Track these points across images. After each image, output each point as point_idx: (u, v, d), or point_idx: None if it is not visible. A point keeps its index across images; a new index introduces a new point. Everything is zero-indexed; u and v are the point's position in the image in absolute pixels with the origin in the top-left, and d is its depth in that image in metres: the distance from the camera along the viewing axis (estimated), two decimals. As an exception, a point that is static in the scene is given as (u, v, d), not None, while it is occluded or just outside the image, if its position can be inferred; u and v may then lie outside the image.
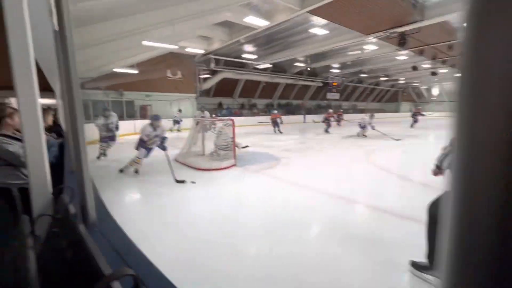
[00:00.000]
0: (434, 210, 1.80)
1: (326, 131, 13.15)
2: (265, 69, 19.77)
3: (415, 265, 1.89)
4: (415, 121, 15.90)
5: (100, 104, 11.48)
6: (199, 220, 2.92)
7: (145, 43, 8.08)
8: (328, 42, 13.24)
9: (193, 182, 4.16)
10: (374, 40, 12.98)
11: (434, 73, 21.65)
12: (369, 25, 10.46)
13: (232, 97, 21.62)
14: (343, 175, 4.69)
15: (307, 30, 11.83)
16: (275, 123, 13.21)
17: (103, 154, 6.37)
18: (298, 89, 24.91)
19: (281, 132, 12.88)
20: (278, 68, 20.83)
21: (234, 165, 5.42)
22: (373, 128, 10.90)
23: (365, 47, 15.18)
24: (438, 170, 1.94)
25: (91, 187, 1.25)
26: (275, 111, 14.06)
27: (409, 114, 17.62)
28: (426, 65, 19.87)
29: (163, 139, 4.92)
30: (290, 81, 22.31)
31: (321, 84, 24.97)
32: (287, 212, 3.09)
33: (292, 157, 6.44)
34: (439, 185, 3.96)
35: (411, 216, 2.81)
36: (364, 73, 24.38)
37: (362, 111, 31.70)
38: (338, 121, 16.49)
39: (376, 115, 13.79)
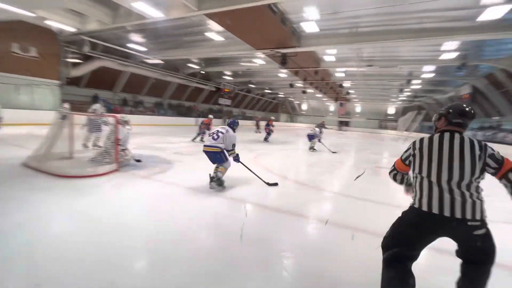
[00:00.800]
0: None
1: (266, 139, 12.61)
2: (155, 65, 18.18)
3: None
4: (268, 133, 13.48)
5: None
6: (50, 250, 2.09)
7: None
8: (223, 49, 13.69)
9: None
10: (262, 56, 14.51)
11: (304, 92, 26.62)
12: (259, 42, 11.62)
13: (113, 91, 18.58)
14: (236, 178, 4.87)
15: (204, 33, 11.81)
16: (204, 129, 10.34)
17: None
18: (191, 91, 24.38)
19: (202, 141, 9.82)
20: (170, 66, 19.65)
21: (117, 170, 4.59)
22: (319, 141, 9.82)
23: (255, 60, 16.73)
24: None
25: None
26: (211, 116, 11.78)
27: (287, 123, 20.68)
28: (299, 84, 24.04)
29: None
30: (183, 82, 21.48)
31: (214, 89, 25.46)
32: (178, 224, 2.86)
33: (185, 161, 6.15)
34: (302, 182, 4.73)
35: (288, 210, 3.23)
36: (253, 83, 26.78)
37: (250, 118, 34.75)
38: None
39: (262, 123, 15.10)
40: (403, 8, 8.46)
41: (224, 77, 24.60)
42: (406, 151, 1.65)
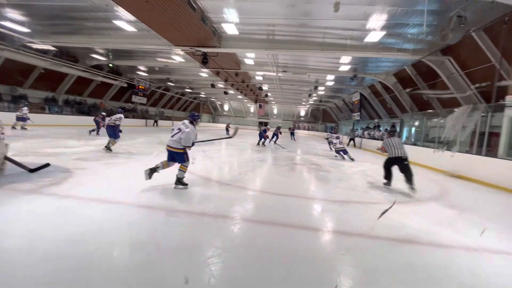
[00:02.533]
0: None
1: (263, 144, 13.90)
2: (44, 52, 14.79)
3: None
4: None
5: None
6: None
7: None
8: (135, 41, 12.34)
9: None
10: (182, 53, 13.83)
11: (225, 92, 26.88)
12: (178, 38, 11.00)
13: (-24, 81, 14.12)
14: (155, 183, 4.45)
15: (111, 20, 10.31)
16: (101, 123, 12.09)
17: None
18: (96, 86, 20.98)
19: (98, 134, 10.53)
20: (67, 55, 16.38)
21: (-16, 185, 3.46)
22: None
23: (173, 57, 15.77)
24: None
25: None
26: (104, 113, 12.11)
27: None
28: (221, 85, 24.13)
29: None
30: (85, 75, 18.19)
31: (125, 85, 22.65)
32: (80, 245, 2.39)
33: (90, 168, 5.20)
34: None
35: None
36: (171, 81, 25.22)
37: (169, 118, 32.65)
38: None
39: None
40: (310, 22, 9.61)
41: (138, 72, 22.24)
42: (383, 145, 5.52)
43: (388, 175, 5.43)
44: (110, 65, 17.80)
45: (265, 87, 25.01)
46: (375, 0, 7.51)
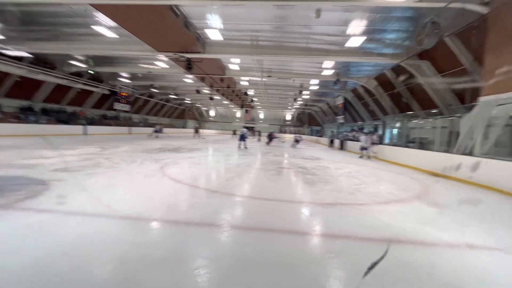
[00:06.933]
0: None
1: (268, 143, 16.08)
2: (19, 59, 14.17)
3: None
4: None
5: None
6: None
7: None
8: (116, 48, 12.08)
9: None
10: (166, 59, 13.67)
11: (211, 98, 26.73)
12: (161, 44, 10.87)
13: None
14: (139, 193, 4.30)
15: (90, 26, 10.05)
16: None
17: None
18: (76, 93, 20.30)
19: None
20: (43, 62, 15.77)
21: (-51, 202, 3.20)
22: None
23: (157, 63, 15.55)
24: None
25: None
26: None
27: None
28: (206, 90, 23.99)
29: None
30: (63, 82, 17.56)
31: (107, 92, 22.05)
32: (59, 263, 2.25)
33: (70, 179, 4.96)
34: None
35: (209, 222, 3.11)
36: (155, 88, 24.82)
37: (153, 125, 32.01)
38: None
39: (169, 130, 14.30)
40: (293, 28, 9.78)
41: (120, 79, 21.74)
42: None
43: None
44: (91, 71, 17.29)
45: (251, 92, 25.13)
46: (355, 7, 7.76)
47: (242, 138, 14.08)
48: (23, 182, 4.37)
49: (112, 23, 9.13)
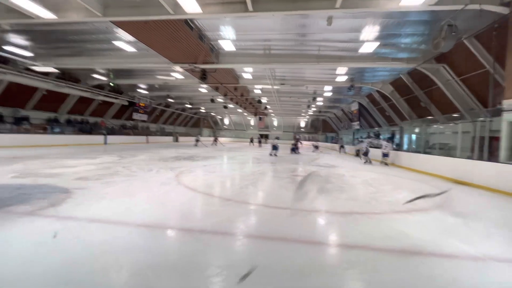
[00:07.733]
0: None
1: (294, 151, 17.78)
2: (46, 74, 15.14)
3: None
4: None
5: None
6: None
7: None
8: (135, 61, 12.64)
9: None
10: (181, 70, 14.11)
11: (225, 107, 27.14)
12: (176, 56, 11.27)
13: (-22, 104, 14.40)
14: (156, 201, 4.41)
15: (111, 41, 10.62)
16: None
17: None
18: (98, 105, 21.32)
19: None
20: (68, 76, 16.75)
21: (-18, 209, 3.44)
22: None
23: (173, 74, 16.08)
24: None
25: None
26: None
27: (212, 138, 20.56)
28: (220, 99, 24.42)
29: None
30: (86, 95, 18.53)
31: (126, 103, 22.98)
32: (82, 270, 2.34)
33: (90, 187, 5.18)
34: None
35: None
36: (171, 98, 25.57)
37: (170, 134, 32.85)
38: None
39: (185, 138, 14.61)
40: (305, 37, 9.84)
41: (138, 90, 22.63)
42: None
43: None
44: (112, 84, 18.16)
45: (264, 100, 25.28)
46: (367, 13, 7.71)
47: (275, 148, 15.72)
48: (48, 190, 4.62)
49: (131, 38, 9.60)
